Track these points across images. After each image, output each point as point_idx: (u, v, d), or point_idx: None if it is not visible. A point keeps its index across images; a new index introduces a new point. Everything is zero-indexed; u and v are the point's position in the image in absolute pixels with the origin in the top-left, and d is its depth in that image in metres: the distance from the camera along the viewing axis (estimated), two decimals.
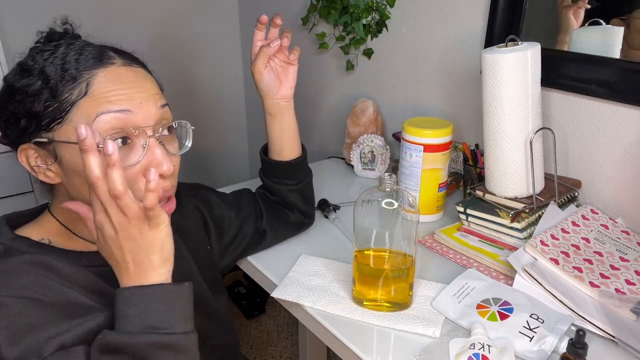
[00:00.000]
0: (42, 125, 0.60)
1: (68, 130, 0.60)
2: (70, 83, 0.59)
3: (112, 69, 0.62)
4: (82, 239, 0.67)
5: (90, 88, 0.59)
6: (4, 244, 0.63)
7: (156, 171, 0.55)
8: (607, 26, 0.95)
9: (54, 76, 0.59)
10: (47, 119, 0.60)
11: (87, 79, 0.60)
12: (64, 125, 0.60)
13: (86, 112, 0.59)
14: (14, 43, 1.52)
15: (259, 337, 1.90)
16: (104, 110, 0.59)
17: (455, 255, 0.93)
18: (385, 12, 1.34)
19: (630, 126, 0.94)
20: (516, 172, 0.93)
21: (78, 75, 0.59)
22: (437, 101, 1.29)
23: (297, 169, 0.92)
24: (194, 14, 1.88)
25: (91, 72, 0.60)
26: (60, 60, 0.60)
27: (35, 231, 0.67)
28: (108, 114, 0.59)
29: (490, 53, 0.89)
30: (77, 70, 0.60)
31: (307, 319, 0.80)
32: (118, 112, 0.59)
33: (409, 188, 1.06)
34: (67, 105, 0.59)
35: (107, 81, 0.60)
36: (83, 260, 0.65)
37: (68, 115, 0.59)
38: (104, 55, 0.62)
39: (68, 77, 0.59)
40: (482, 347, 0.68)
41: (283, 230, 0.95)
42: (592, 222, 0.94)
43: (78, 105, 0.59)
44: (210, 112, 2.02)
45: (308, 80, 1.72)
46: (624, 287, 0.79)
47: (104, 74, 0.61)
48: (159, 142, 0.63)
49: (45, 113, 0.60)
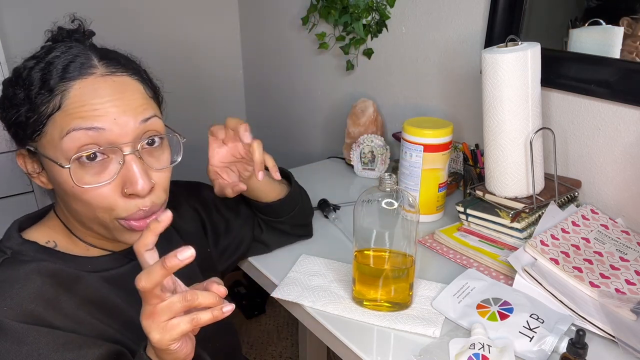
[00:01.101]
0: (27, 135, 0.60)
1: (45, 143, 0.59)
2: (46, 95, 0.58)
3: (89, 80, 0.59)
4: (84, 242, 0.67)
5: (65, 101, 0.57)
6: (12, 249, 0.62)
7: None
8: (607, 26, 0.95)
9: (34, 87, 0.58)
10: (30, 130, 0.59)
11: (62, 92, 0.57)
12: (42, 137, 0.59)
13: (59, 127, 0.58)
14: (15, 43, 1.52)
15: (259, 337, 1.90)
16: (74, 127, 0.57)
17: (455, 255, 0.93)
18: (385, 12, 1.34)
19: (630, 126, 0.94)
20: (516, 172, 0.93)
21: (55, 87, 0.58)
22: (437, 101, 1.29)
23: (280, 208, 0.88)
24: (194, 15, 1.88)
25: (67, 84, 0.58)
26: (42, 70, 0.59)
27: (42, 233, 0.66)
28: (79, 131, 0.57)
29: (490, 53, 0.89)
30: (54, 82, 0.58)
31: (307, 319, 0.80)
32: (88, 129, 0.57)
33: (409, 188, 1.06)
34: (43, 117, 0.58)
35: (82, 94, 0.58)
36: (88, 266, 0.65)
37: (45, 129, 0.58)
38: (85, 65, 0.59)
39: (45, 88, 0.58)
40: (482, 347, 0.68)
41: (283, 239, 0.94)
42: (592, 222, 0.94)
43: (53, 119, 0.58)
44: (210, 112, 2.02)
45: (308, 80, 1.72)
46: (624, 287, 0.79)
47: (79, 86, 0.58)
48: (138, 157, 0.60)
49: (27, 124, 0.59)
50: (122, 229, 0.62)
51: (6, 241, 0.64)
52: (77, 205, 0.61)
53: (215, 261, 0.87)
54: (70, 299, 0.62)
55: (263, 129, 2.07)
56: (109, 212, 0.61)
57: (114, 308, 0.65)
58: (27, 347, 0.56)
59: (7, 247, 0.63)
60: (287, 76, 1.81)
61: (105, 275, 0.66)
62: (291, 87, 1.81)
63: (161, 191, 0.64)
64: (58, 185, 0.61)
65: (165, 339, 0.52)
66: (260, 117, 2.07)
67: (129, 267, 0.69)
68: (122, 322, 0.65)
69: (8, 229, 0.66)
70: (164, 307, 0.52)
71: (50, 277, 0.61)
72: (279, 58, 1.82)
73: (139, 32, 1.76)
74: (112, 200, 0.60)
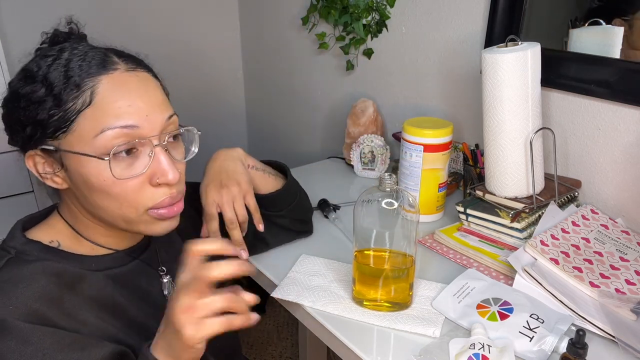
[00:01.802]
0: (48, 133, 0.59)
1: (73, 139, 0.59)
2: (74, 91, 0.58)
3: (115, 75, 0.60)
4: (89, 242, 0.67)
5: (95, 97, 0.58)
6: (16, 248, 0.62)
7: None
8: (607, 26, 0.95)
9: (58, 83, 0.58)
10: (52, 128, 0.59)
11: (91, 87, 0.58)
12: (69, 134, 0.59)
13: (91, 124, 0.58)
14: (15, 44, 1.52)
15: (259, 337, 1.90)
16: (109, 126, 0.58)
17: (455, 255, 0.93)
18: (385, 12, 1.34)
19: (630, 126, 0.94)
20: (516, 172, 0.93)
21: (82, 83, 0.58)
22: (437, 101, 1.29)
23: (278, 200, 0.89)
24: (194, 14, 1.88)
25: (95, 79, 0.59)
26: (64, 66, 0.59)
27: (45, 233, 0.66)
28: (114, 130, 0.58)
29: (490, 53, 0.89)
30: (80, 78, 0.58)
31: (307, 319, 0.80)
32: (123, 127, 0.59)
33: (409, 188, 1.06)
34: (71, 114, 0.58)
35: (111, 89, 0.59)
36: (92, 265, 0.66)
37: (73, 125, 0.58)
38: (107, 61, 0.61)
39: (72, 84, 0.58)
40: (482, 347, 0.68)
41: (283, 236, 0.95)
42: (592, 222, 0.94)
43: (83, 115, 0.58)
44: (210, 112, 2.02)
45: (308, 80, 1.72)
46: (624, 287, 0.79)
47: (107, 81, 0.59)
48: (164, 150, 0.62)
49: (50, 122, 0.59)
50: (151, 221, 0.64)
51: (10, 241, 0.64)
52: (104, 200, 0.61)
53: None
54: (74, 298, 0.62)
55: (263, 128, 2.07)
56: (136, 205, 0.62)
57: (118, 307, 0.66)
58: (32, 347, 0.56)
59: (10, 247, 0.63)
60: (287, 76, 1.81)
61: (109, 274, 0.66)
62: (291, 87, 1.81)
63: (182, 181, 0.66)
64: (84, 181, 0.60)
65: (197, 336, 0.53)
66: (260, 117, 2.07)
67: (132, 265, 0.70)
68: (125, 322, 0.66)
69: (12, 228, 0.66)
70: (205, 303, 0.53)
71: (55, 277, 0.61)
72: (279, 58, 1.82)
73: (139, 32, 1.76)
74: (140, 192, 0.61)
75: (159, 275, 0.73)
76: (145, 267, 0.71)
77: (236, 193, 0.81)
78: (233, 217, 0.81)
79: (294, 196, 0.92)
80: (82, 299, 0.62)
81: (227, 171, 0.83)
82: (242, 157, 0.86)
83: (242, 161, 0.85)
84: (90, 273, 0.64)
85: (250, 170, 0.86)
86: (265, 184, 0.88)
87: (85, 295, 0.63)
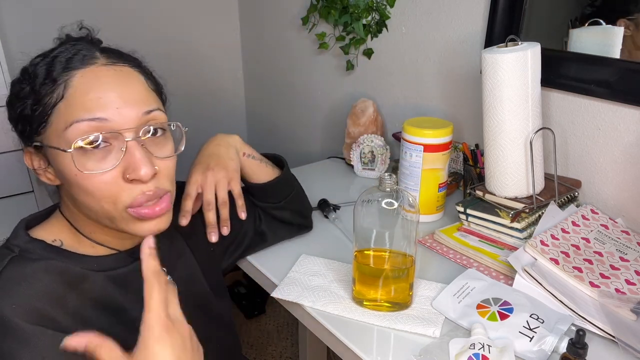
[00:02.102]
0: (34, 129, 0.61)
1: (50, 133, 0.60)
2: (50, 86, 0.59)
3: (90, 70, 0.60)
4: (90, 240, 0.67)
5: (68, 91, 0.58)
6: (19, 247, 0.62)
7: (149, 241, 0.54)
8: (607, 26, 0.95)
9: (39, 79, 0.59)
10: (36, 123, 0.60)
11: (65, 81, 0.59)
12: (48, 128, 0.60)
13: (63, 117, 0.58)
14: (15, 45, 1.52)
15: (259, 337, 1.90)
16: (78, 118, 0.57)
17: (455, 255, 0.93)
18: (385, 12, 1.34)
19: (630, 126, 0.94)
20: (516, 172, 0.93)
21: (58, 77, 0.59)
22: (437, 101, 1.29)
23: (276, 189, 0.90)
24: (194, 14, 1.88)
25: (69, 73, 0.59)
26: (49, 63, 0.60)
27: (48, 232, 0.66)
28: (82, 122, 0.57)
29: (490, 53, 0.89)
30: (57, 73, 0.59)
31: (307, 319, 0.80)
32: (92, 120, 0.58)
33: (409, 188, 1.06)
34: (48, 108, 0.59)
35: (83, 83, 0.59)
36: (94, 265, 0.65)
37: (50, 119, 0.59)
38: (87, 56, 0.61)
39: (49, 79, 0.59)
40: (482, 347, 0.68)
41: (282, 231, 0.95)
42: (592, 222, 0.94)
43: (57, 109, 0.59)
44: (210, 112, 2.02)
45: (308, 80, 1.72)
46: (624, 287, 0.79)
47: (81, 75, 0.59)
48: (140, 145, 0.60)
49: (33, 117, 0.60)
50: (132, 219, 0.62)
51: (13, 239, 0.64)
52: (83, 196, 0.61)
53: (219, 259, 0.88)
54: (77, 297, 0.62)
55: (263, 129, 2.07)
56: (114, 201, 0.60)
57: (119, 308, 0.66)
58: (32, 349, 0.56)
59: (14, 245, 0.63)
60: (287, 76, 1.81)
61: (110, 275, 0.66)
62: (291, 87, 1.81)
63: (165, 179, 0.64)
64: (63, 176, 0.61)
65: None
66: (260, 117, 2.07)
67: (133, 266, 0.69)
68: (126, 323, 0.66)
69: (15, 227, 0.66)
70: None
71: (58, 276, 0.61)
72: (279, 58, 1.82)
73: (139, 32, 1.76)
74: (115, 188, 0.60)
75: None
76: None
77: (221, 177, 0.81)
78: (211, 199, 0.81)
79: (292, 187, 0.92)
80: (84, 299, 0.62)
81: (217, 155, 0.83)
82: (237, 144, 0.86)
83: (236, 148, 0.86)
84: (92, 273, 0.65)
85: (246, 159, 0.87)
86: (262, 173, 0.88)
87: (87, 295, 0.63)
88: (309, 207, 0.99)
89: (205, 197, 0.81)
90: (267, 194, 0.89)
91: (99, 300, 0.64)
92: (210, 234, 0.81)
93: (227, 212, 0.82)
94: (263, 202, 0.90)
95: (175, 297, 0.57)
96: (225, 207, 0.82)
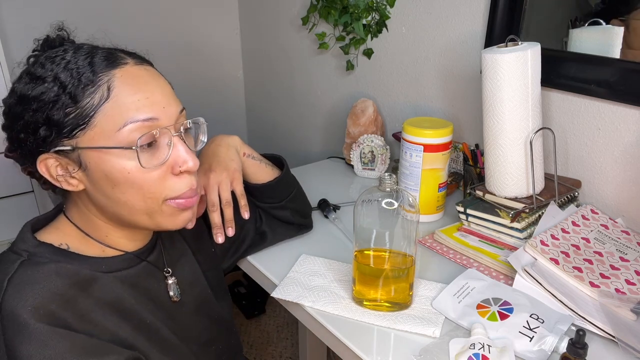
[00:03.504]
0: (64, 133, 0.59)
1: (94, 135, 0.59)
2: (89, 87, 0.58)
3: (126, 69, 0.61)
4: (98, 243, 0.67)
5: (112, 91, 0.59)
6: (28, 251, 0.62)
7: None
8: (607, 26, 0.95)
9: (71, 81, 0.58)
10: (69, 126, 0.58)
11: (106, 82, 0.59)
12: (89, 130, 0.59)
13: (112, 118, 0.58)
14: (15, 45, 1.52)
15: (259, 337, 1.90)
16: (131, 119, 0.59)
17: (455, 255, 0.93)
18: (385, 12, 1.34)
19: (630, 126, 0.94)
20: (516, 172, 0.93)
21: (95, 79, 0.58)
22: (437, 101, 1.29)
23: (276, 189, 0.90)
24: (194, 14, 1.88)
25: (108, 73, 0.59)
26: (73, 64, 0.59)
27: (55, 235, 0.66)
28: (136, 123, 0.59)
29: (490, 53, 0.89)
30: (93, 74, 0.58)
31: (307, 319, 0.80)
32: (145, 120, 0.60)
33: (409, 188, 1.06)
34: (89, 110, 0.58)
35: (126, 83, 0.60)
36: (103, 266, 0.66)
37: (92, 121, 0.58)
38: (115, 56, 0.61)
39: (85, 81, 0.58)
40: (482, 347, 0.68)
41: (282, 230, 0.95)
42: (592, 222, 0.94)
43: (103, 110, 0.58)
44: (210, 112, 2.02)
45: (308, 80, 1.72)
46: (624, 287, 0.79)
47: (121, 75, 0.60)
48: (182, 139, 0.64)
49: (66, 120, 0.58)
50: (171, 211, 0.65)
51: (21, 244, 0.63)
52: (127, 193, 0.61)
53: (220, 259, 0.88)
54: (87, 300, 0.62)
55: (263, 129, 2.07)
56: (159, 194, 0.63)
57: (127, 309, 0.66)
58: (51, 351, 0.56)
59: (22, 250, 0.62)
60: (287, 76, 1.81)
61: (119, 275, 0.66)
62: (291, 87, 1.81)
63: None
64: (106, 176, 0.60)
65: None
66: (260, 117, 2.07)
67: (140, 267, 0.70)
68: (134, 324, 0.66)
69: (20, 231, 0.65)
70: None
71: (69, 278, 0.61)
72: (279, 58, 1.82)
73: (139, 32, 1.76)
74: (164, 182, 0.63)
75: (165, 276, 0.73)
76: (152, 269, 0.71)
77: (223, 178, 0.82)
78: (215, 200, 0.81)
79: (292, 186, 0.93)
80: (93, 301, 0.62)
81: (218, 156, 0.84)
82: (237, 144, 0.87)
83: (237, 149, 0.86)
84: (101, 275, 0.65)
85: (246, 159, 0.87)
86: (262, 173, 0.89)
87: (96, 297, 0.63)
88: (309, 206, 1.00)
89: (209, 198, 0.81)
90: (268, 194, 0.90)
91: (108, 301, 0.64)
92: (216, 235, 0.81)
93: (231, 213, 0.83)
94: (264, 202, 0.91)
95: None
96: (229, 207, 0.82)
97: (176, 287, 0.74)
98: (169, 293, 0.73)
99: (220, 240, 0.82)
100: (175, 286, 0.74)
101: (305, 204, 0.98)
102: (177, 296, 0.73)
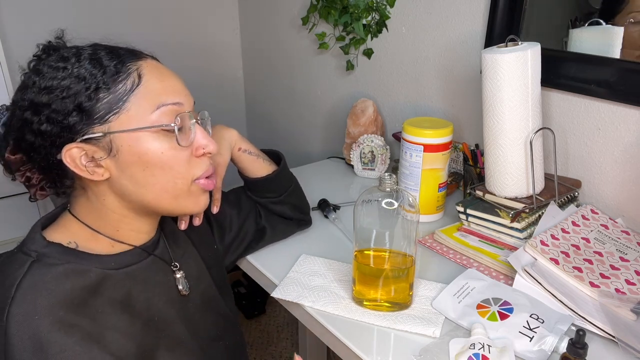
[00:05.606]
0: (95, 119, 0.60)
1: (127, 119, 0.61)
2: (121, 74, 0.61)
3: (149, 61, 0.65)
4: (108, 238, 0.67)
5: (143, 77, 0.62)
6: (37, 252, 0.62)
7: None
8: (607, 26, 0.95)
9: (100, 70, 0.61)
10: (102, 112, 0.60)
11: (136, 69, 0.62)
12: (122, 114, 0.61)
13: (146, 102, 0.62)
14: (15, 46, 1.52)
15: (259, 337, 1.90)
16: (164, 102, 0.63)
17: (455, 255, 0.93)
18: (385, 12, 1.34)
19: (630, 126, 0.94)
20: (516, 172, 0.93)
21: (123, 67, 0.62)
22: (437, 101, 1.29)
23: (274, 183, 0.91)
24: (194, 14, 1.88)
25: (136, 62, 0.63)
26: (95, 56, 0.62)
27: (62, 234, 0.66)
28: (167, 107, 0.63)
29: (490, 53, 0.89)
30: (122, 63, 0.62)
31: (307, 319, 0.80)
32: (173, 104, 0.64)
33: (409, 188, 1.06)
34: (123, 95, 0.61)
35: (153, 72, 0.64)
36: (112, 263, 0.66)
37: (126, 105, 0.61)
38: (134, 51, 0.65)
39: (115, 69, 0.61)
40: (482, 347, 0.68)
41: (282, 227, 0.95)
42: (592, 222, 0.94)
43: (135, 95, 0.61)
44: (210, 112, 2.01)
45: (308, 80, 1.72)
46: (624, 287, 0.79)
47: (147, 65, 0.64)
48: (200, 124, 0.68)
49: (97, 106, 0.60)
50: (196, 192, 0.68)
51: (30, 244, 0.63)
52: (158, 175, 0.64)
53: (222, 256, 0.88)
54: (97, 300, 0.62)
55: (263, 129, 2.07)
56: (188, 174, 0.66)
57: (137, 305, 0.66)
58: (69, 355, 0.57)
59: (32, 250, 0.62)
60: (287, 76, 1.81)
61: (128, 271, 0.67)
62: (291, 87, 1.81)
63: None
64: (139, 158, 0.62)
65: None
66: (260, 117, 2.07)
67: (148, 261, 0.70)
68: (144, 319, 0.66)
69: (30, 231, 0.65)
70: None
71: (78, 280, 0.61)
72: (279, 58, 1.82)
73: (139, 33, 1.76)
74: (190, 162, 0.66)
75: (172, 270, 0.74)
76: (159, 263, 0.72)
77: None
78: None
79: (290, 181, 0.94)
80: (104, 300, 0.62)
81: None
82: (233, 139, 0.87)
83: (231, 143, 0.87)
84: (111, 272, 0.65)
85: (242, 154, 0.88)
86: (258, 168, 0.90)
87: (107, 296, 0.63)
88: (307, 203, 1.00)
89: None
90: (265, 188, 0.91)
91: (118, 299, 0.64)
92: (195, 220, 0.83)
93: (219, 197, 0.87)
94: (262, 197, 0.91)
95: None
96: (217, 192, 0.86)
97: (184, 280, 0.74)
98: (177, 287, 0.73)
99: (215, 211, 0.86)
100: (184, 280, 0.74)
101: (303, 200, 0.99)
102: (185, 290, 0.74)
